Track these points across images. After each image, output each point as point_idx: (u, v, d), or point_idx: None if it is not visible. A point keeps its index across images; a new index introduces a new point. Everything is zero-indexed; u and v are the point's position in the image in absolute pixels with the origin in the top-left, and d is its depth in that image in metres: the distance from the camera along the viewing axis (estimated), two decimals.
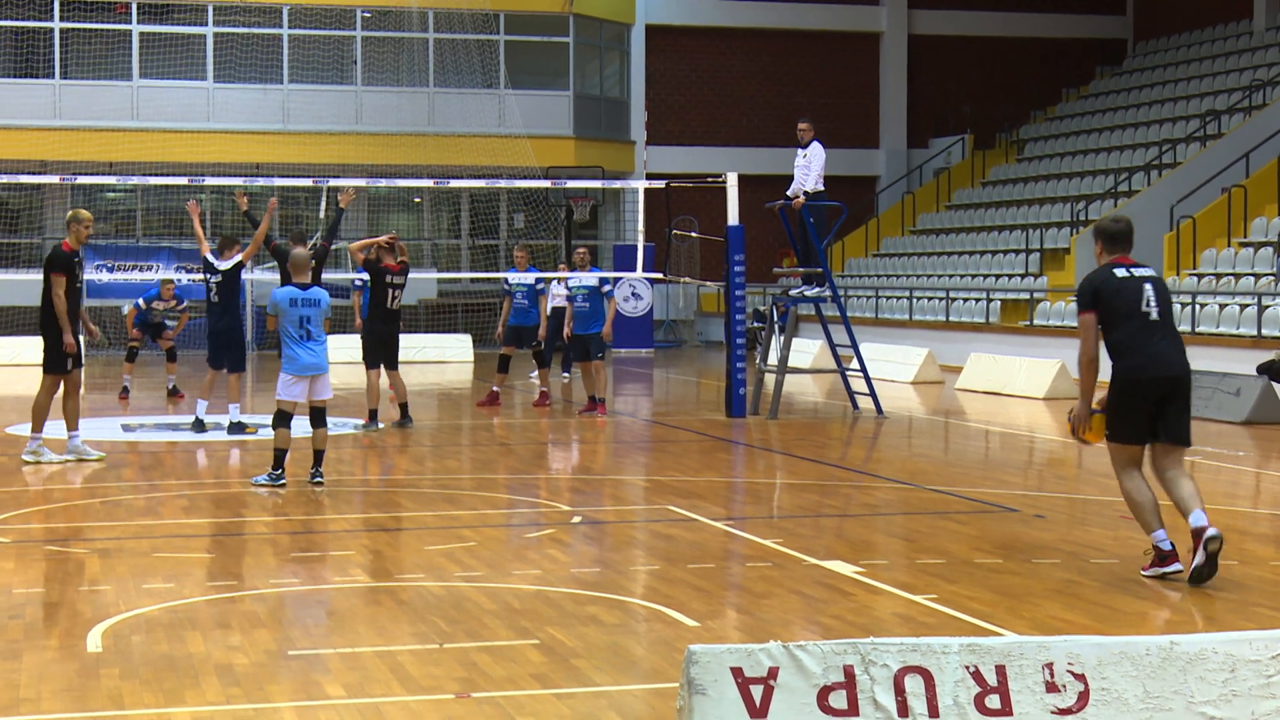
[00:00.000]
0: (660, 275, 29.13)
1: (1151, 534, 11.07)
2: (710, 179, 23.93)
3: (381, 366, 21.01)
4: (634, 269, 26.99)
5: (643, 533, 13.50)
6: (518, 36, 43.13)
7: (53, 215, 41.94)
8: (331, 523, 13.86)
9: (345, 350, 29.30)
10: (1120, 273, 11.19)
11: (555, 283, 25.87)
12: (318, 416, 15.57)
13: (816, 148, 23.16)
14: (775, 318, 24.73)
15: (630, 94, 45.65)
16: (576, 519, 13.87)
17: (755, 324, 33.76)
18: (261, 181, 30.78)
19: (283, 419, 15.39)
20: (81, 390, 18.31)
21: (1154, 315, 11.06)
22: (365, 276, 21.74)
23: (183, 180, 28.67)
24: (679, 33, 46.21)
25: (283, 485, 15.38)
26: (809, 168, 23.09)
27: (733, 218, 23.20)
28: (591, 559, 12.00)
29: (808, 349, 30.29)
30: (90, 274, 38.70)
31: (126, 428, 21.14)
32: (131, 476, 16.87)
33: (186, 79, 41.21)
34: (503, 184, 31.39)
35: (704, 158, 43.41)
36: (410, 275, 21.82)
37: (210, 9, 41.27)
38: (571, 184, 33.98)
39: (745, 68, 46.70)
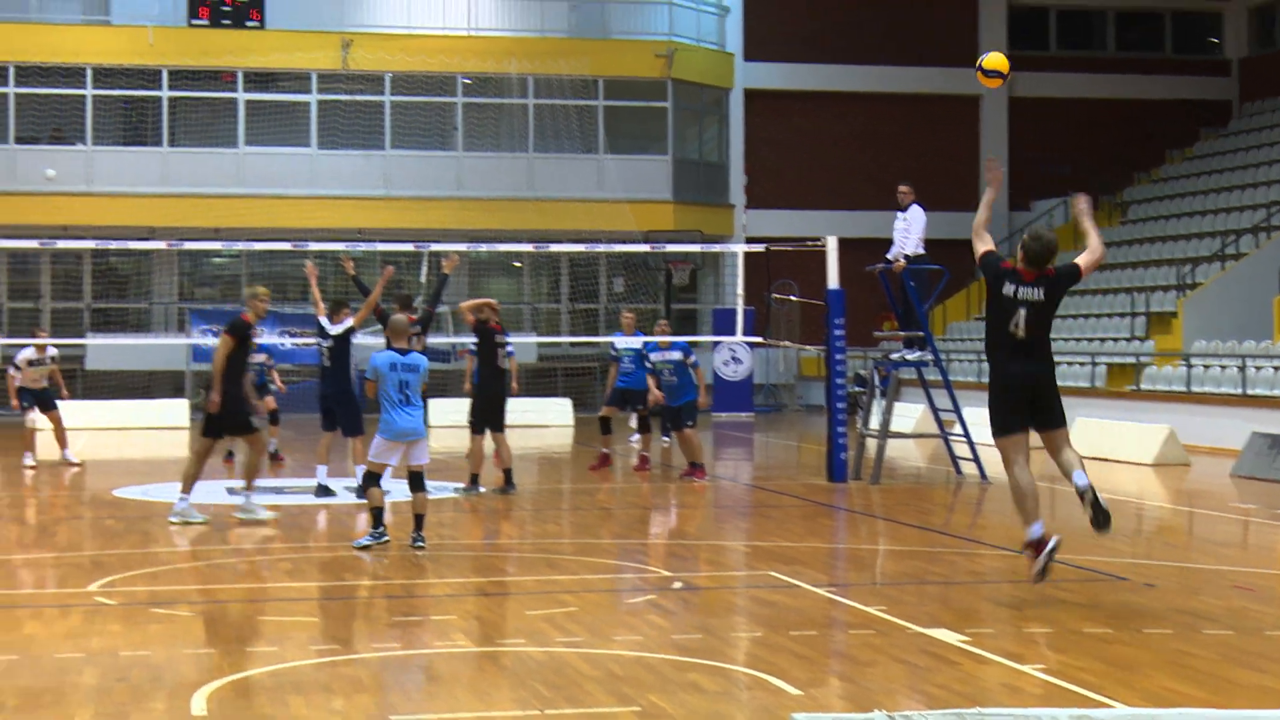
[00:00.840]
0: (760, 339, 29.07)
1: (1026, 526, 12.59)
2: (810, 242, 23.82)
3: (487, 431, 21.00)
4: (734, 333, 26.91)
5: (744, 598, 13.40)
6: (617, 102, 43.31)
7: (160, 280, 42.44)
8: (433, 587, 13.85)
9: (449, 414, 29.36)
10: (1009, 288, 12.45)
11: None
12: (416, 481, 15.58)
13: (916, 210, 23.06)
14: (876, 382, 24.57)
15: (729, 158, 45.72)
16: (677, 584, 13.79)
17: (856, 388, 33.55)
18: (364, 246, 30.99)
19: (372, 479, 15.49)
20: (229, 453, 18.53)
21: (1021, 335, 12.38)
22: (475, 340, 21.67)
23: (287, 245, 28.90)
24: (777, 97, 46.27)
25: (386, 541, 15.42)
26: (909, 231, 22.99)
27: (833, 281, 23.09)
28: (693, 625, 11.91)
29: (909, 413, 30.09)
30: (196, 338, 39.12)
31: (231, 491, 21.25)
32: (235, 540, 16.94)
33: (291, 145, 41.64)
34: (602, 248, 31.48)
35: (803, 221, 43.32)
36: (510, 339, 21.89)
37: (314, 76, 41.70)
38: (671, 248, 33.99)
39: (844, 131, 46.68)
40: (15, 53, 40.52)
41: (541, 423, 35.89)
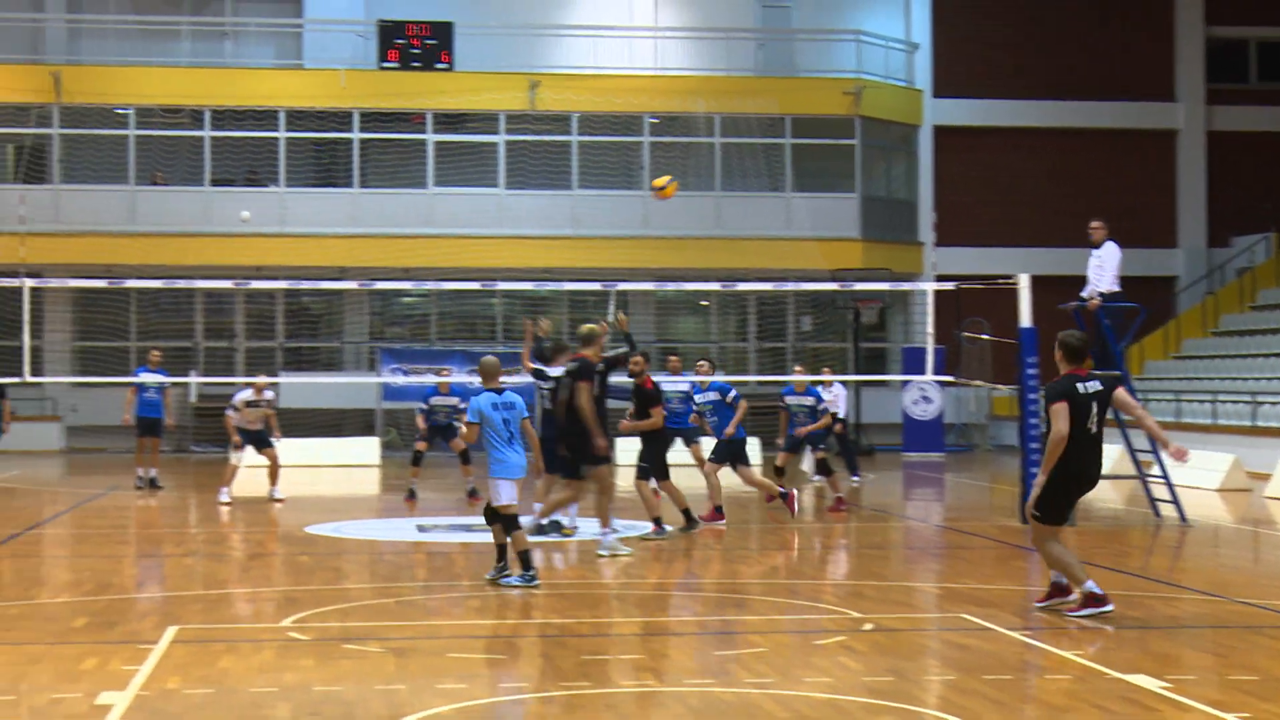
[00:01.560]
0: (951, 378, 28.79)
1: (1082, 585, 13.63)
2: (1001, 280, 23.51)
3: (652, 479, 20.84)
4: (924, 372, 26.63)
5: (936, 641, 13.20)
6: (804, 140, 43.19)
7: (351, 319, 42.97)
8: (621, 626, 13.79)
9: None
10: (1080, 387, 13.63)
11: (835, 385, 26.23)
12: (510, 523, 15.65)
13: (1111, 247, 22.68)
14: None
15: (918, 195, 45.42)
16: (868, 626, 13.62)
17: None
18: (551, 286, 31.10)
19: (513, 523, 15.57)
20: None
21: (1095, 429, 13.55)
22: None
23: (475, 285, 29.12)
24: (968, 133, 45.90)
25: (536, 585, 15.40)
26: (1103, 268, 22.62)
27: (1025, 319, 22.77)
28: (884, 667, 11.73)
29: (1106, 453, 29.55)
30: (385, 376, 39.57)
31: (421, 528, 21.37)
32: (425, 577, 17.01)
33: (479, 186, 42.02)
34: (790, 287, 31.34)
35: (994, 258, 42.82)
36: (700, 378, 21.92)
37: (502, 117, 42.05)
38: (859, 286, 33.80)
39: (1036, 167, 46.17)
40: (211, 97, 41.32)
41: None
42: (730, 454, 22.56)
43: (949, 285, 24.76)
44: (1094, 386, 13.70)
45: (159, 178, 41.61)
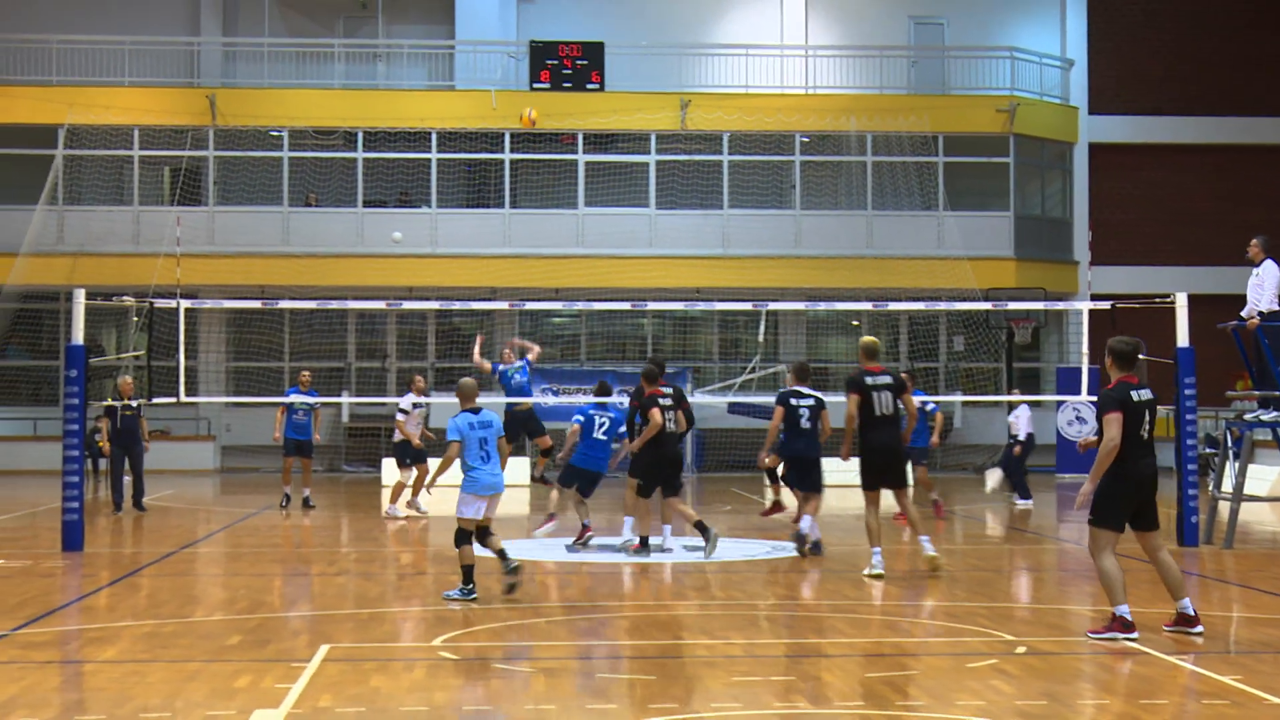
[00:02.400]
0: None
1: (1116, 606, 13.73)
2: (1158, 299, 23.19)
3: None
4: (1078, 392, 26.31)
5: (1091, 665, 12.98)
6: (957, 158, 42.89)
7: (501, 339, 43.20)
8: (772, 647, 13.70)
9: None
10: (1134, 395, 13.74)
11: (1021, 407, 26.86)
12: (485, 533, 16.33)
13: (1270, 266, 22.26)
14: (1229, 443, 23.78)
15: (1073, 213, 44.95)
16: (1021, 649, 13.43)
17: (1208, 449, 32.67)
18: (702, 306, 31.07)
19: (464, 537, 16.23)
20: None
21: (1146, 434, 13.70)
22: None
23: (626, 305, 29.15)
24: (1124, 150, 45.37)
25: (474, 599, 16.02)
26: (1262, 286, 22.21)
27: (1182, 339, 22.44)
28: (1038, 691, 11.56)
29: (1264, 475, 29.09)
30: (536, 396, 39.71)
31: (570, 548, 21.37)
32: (574, 596, 17.01)
33: (630, 206, 42.09)
34: (942, 306, 31.09)
35: (1150, 277, 42.36)
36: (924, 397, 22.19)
37: (653, 137, 42.12)
38: (1013, 306, 33.45)
39: (1193, 184, 45.55)
40: (364, 118, 41.76)
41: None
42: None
43: (1104, 304, 24.42)
44: (1146, 395, 13.85)
45: (312, 199, 42.08)
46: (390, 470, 32.59)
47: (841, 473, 21.85)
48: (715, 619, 14.99)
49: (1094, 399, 30.31)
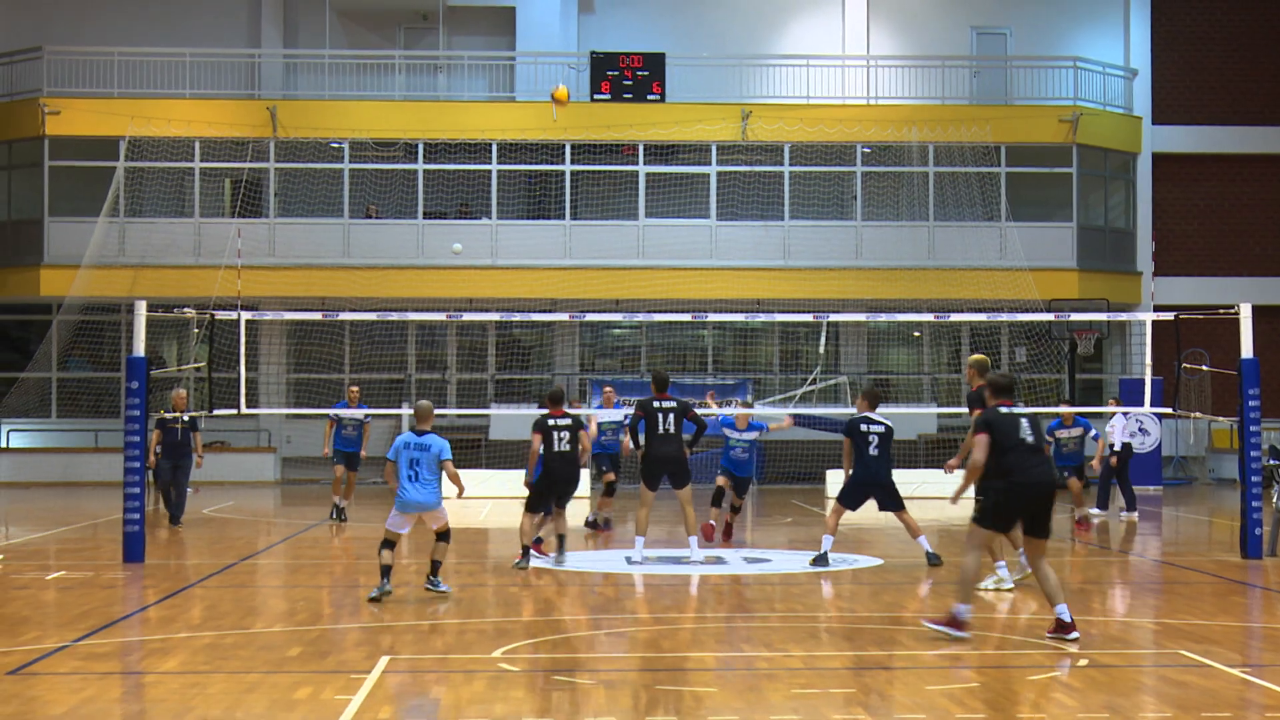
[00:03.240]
0: (1169, 410, 28.15)
1: (961, 605, 14.40)
2: (1222, 310, 23.02)
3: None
4: (1141, 403, 26.14)
5: (1152, 678, 12.88)
6: (1020, 168, 42.70)
7: (561, 351, 43.20)
8: (831, 660, 13.63)
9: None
10: (1004, 410, 14.75)
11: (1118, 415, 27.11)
12: (441, 536, 17.60)
13: None
14: None
15: (1136, 224, 44.68)
16: (1084, 662, 13.34)
17: (1272, 461, 32.34)
18: (763, 317, 31.02)
19: (387, 544, 17.32)
20: None
21: (1030, 440, 14.57)
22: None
23: (686, 316, 29.12)
24: (1188, 160, 45.10)
25: (389, 593, 17.25)
26: None
27: (1246, 350, 22.26)
28: (1100, 704, 11.48)
29: None
30: (597, 408, 39.66)
31: (630, 560, 21.35)
32: (634, 608, 16.98)
33: (690, 217, 42.05)
34: (1004, 317, 30.87)
35: (1214, 288, 42.11)
36: (911, 410, 21.81)
37: (714, 148, 42.08)
38: (1075, 317, 33.26)
39: (1259, 195, 45.24)
40: (424, 130, 41.85)
41: (942, 495, 35.36)
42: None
43: (1168, 315, 24.26)
44: (1022, 410, 14.85)
45: (373, 210, 42.20)
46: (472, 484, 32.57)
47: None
48: (775, 631, 14.94)
49: (1158, 410, 30.25)
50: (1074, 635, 14.33)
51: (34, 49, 42.70)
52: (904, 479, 23.35)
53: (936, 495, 34.82)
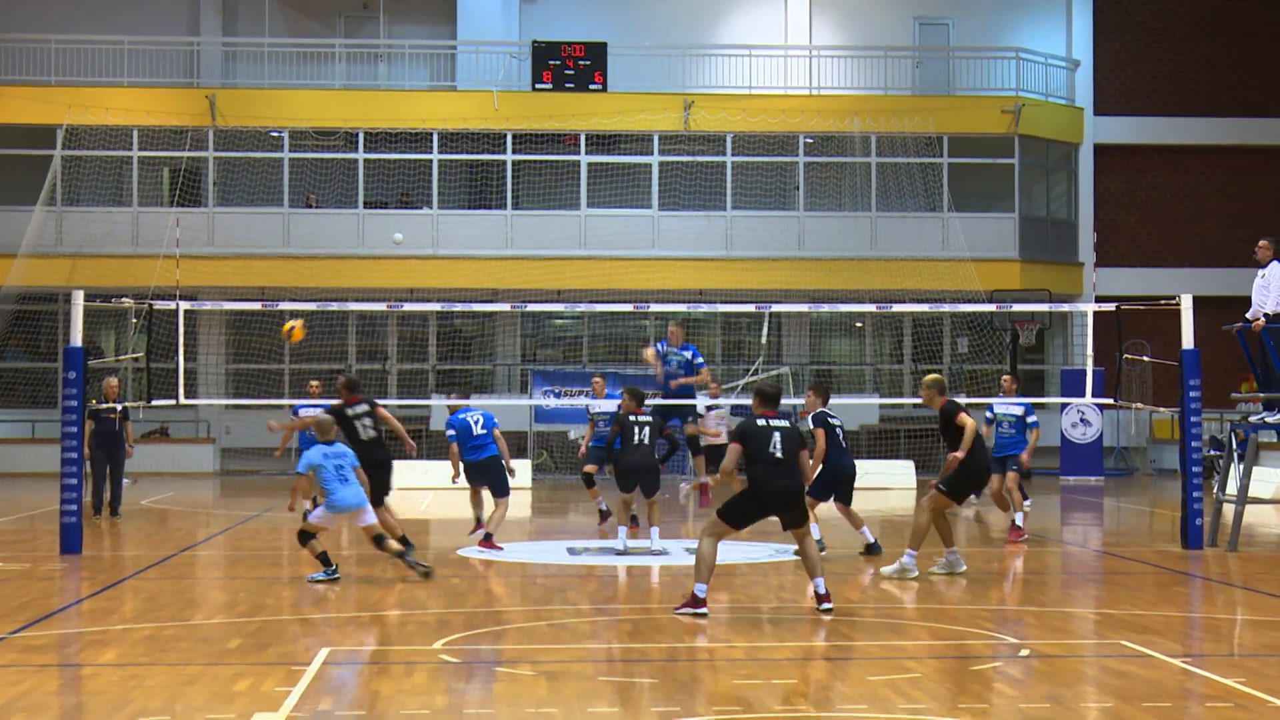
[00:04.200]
0: (1111, 401, 28.26)
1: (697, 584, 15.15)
2: (1163, 301, 23.11)
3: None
4: (1083, 394, 26.23)
5: (1094, 668, 12.89)
6: (962, 159, 42.80)
7: (503, 342, 43.11)
8: (775, 650, 13.60)
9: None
10: (760, 422, 15.47)
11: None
12: (379, 542, 18.27)
13: (1276, 267, 22.14)
14: (1234, 445, 23.67)
15: (1078, 215, 44.86)
16: (1025, 652, 13.34)
17: (1212, 452, 32.55)
18: (705, 308, 30.97)
19: (306, 538, 18.06)
20: None
21: (779, 455, 15.28)
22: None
23: (628, 307, 29.05)
24: (1130, 151, 45.32)
25: (338, 578, 17.98)
26: (1269, 288, 22.08)
27: (1187, 341, 22.34)
28: (1041, 694, 11.47)
29: (1270, 478, 28.99)
30: (538, 399, 39.60)
31: (572, 551, 21.29)
32: (576, 600, 16.92)
33: (632, 207, 42.01)
34: (946, 308, 30.98)
35: (1156, 279, 42.34)
36: (855, 400, 21.80)
37: (656, 138, 42.05)
38: (1017, 307, 33.37)
39: (1200, 186, 45.49)
40: (364, 119, 41.69)
41: (884, 485, 35.46)
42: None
43: (1109, 306, 24.33)
44: (777, 424, 15.48)
45: (313, 200, 42.00)
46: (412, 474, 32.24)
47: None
48: (718, 622, 14.90)
49: (1099, 401, 30.32)
50: (827, 606, 15.38)
51: None
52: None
53: (879, 486, 34.89)
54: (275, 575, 19.25)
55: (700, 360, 24.27)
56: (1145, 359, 31.30)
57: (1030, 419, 23.69)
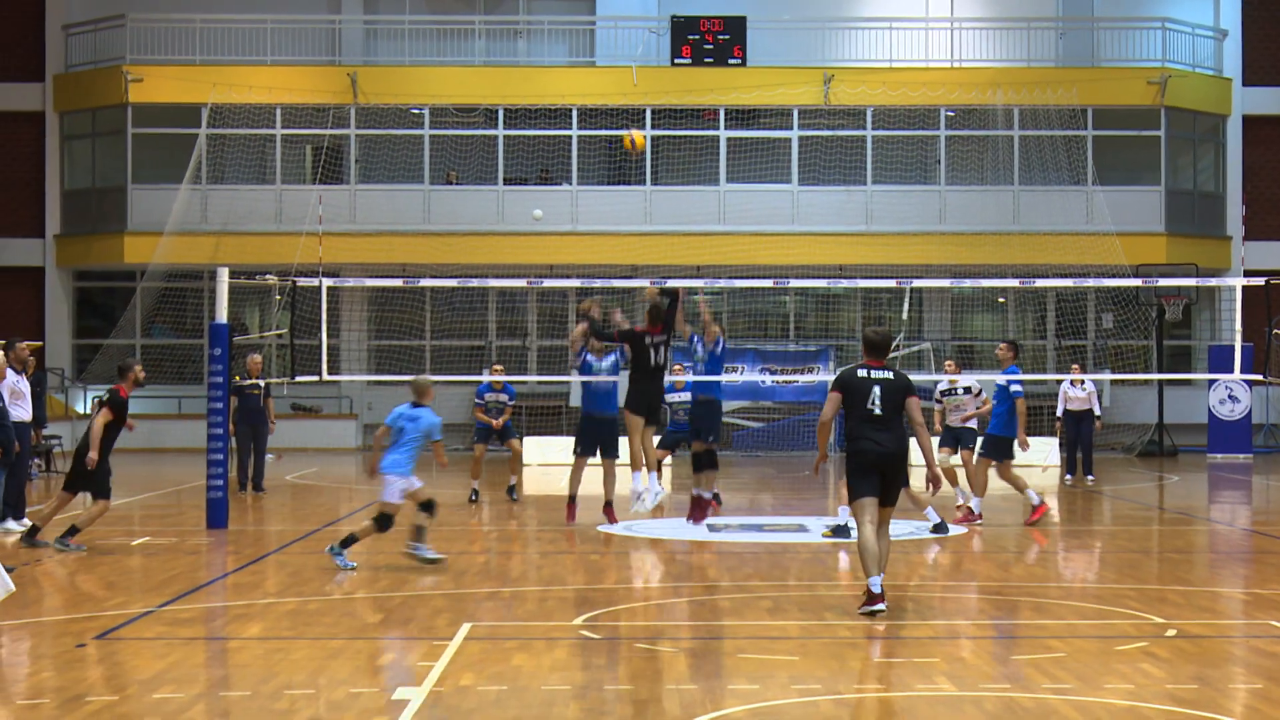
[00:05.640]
0: (1260, 377, 27.77)
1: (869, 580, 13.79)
2: None
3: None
4: (1231, 370, 25.81)
5: (1242, 649, 12.69)
6: (1107, 131, 42.24)
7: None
8: (916, 629, 13.49)
9: None
10: (862, 372, 14.22)
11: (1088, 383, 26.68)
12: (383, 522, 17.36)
13: None
14: None
15: (1226, 187, 44.12)
16: (1171, 632, 13.15)
17: None
18: (845, 283, 30.78)
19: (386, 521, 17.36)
20: None
21: (878, 411, 14.02)
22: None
23: (768, 282, 28.94)
24: (1278, 123, 44.46)
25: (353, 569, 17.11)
26: None
27: None
28: (1188, 675, 11.30)
29: None
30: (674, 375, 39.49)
31: (712, 528, 21.26)
32: (716, 576, 16.89)
33: (772, 182, 41.84)
34: (1090, 283, 30.51)
35: None
36: (997, 376, 21.53)
37: (795, 113, 41.83)
38: (1163, 282, 32.86)
39: None
40: (504, 96, 41.80)
41: (1029, 462, 35.08)
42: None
43: (1258, 281, 23.91)
44: (879, 375, 14.19)
45: (453, 177, 42.20)
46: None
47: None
48: (858, 600, 14.80)
49: (1247, 377, 29.84)
50: (881, 606, 13.76)
51: (117, 17, 42.88)
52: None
53: (1026, 463, 34.55)
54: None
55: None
56: None
57: (1014, 388, 22.40)
